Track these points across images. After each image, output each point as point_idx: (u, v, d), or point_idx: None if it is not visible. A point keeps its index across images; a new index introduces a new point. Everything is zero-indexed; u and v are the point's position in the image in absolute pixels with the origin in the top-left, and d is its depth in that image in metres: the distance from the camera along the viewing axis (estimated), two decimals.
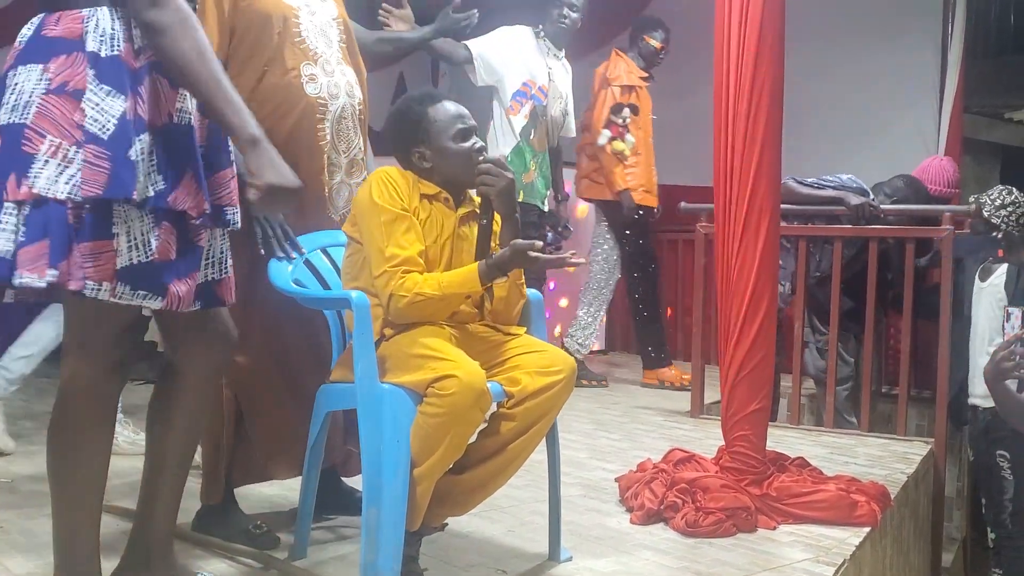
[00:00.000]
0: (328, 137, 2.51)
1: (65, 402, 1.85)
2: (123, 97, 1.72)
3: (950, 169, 4.85)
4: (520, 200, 4.40)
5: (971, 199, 4.15)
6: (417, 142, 2.35)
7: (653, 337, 5.32)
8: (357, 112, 2.60)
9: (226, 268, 1.95)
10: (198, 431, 2.09)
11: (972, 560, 4.98)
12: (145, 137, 1.74)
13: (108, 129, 1.70)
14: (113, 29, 1.75)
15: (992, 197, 4.04)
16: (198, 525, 2.56)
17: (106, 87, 1.72)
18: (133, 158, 1.71)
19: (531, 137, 4.61)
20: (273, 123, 2.42)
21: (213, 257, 1.92)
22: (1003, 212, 3.96)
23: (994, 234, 3.89)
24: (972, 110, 7.96)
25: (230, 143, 1.92)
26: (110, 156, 1.69)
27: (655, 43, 5.20)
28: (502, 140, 4.57)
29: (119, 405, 2.11)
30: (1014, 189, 4.05)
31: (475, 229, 2.36)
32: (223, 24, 2.41)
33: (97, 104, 1.70)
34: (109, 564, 2.21)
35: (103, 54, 1.73)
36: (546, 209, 4.81)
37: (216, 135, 1.90)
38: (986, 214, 3.98)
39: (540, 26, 4.77)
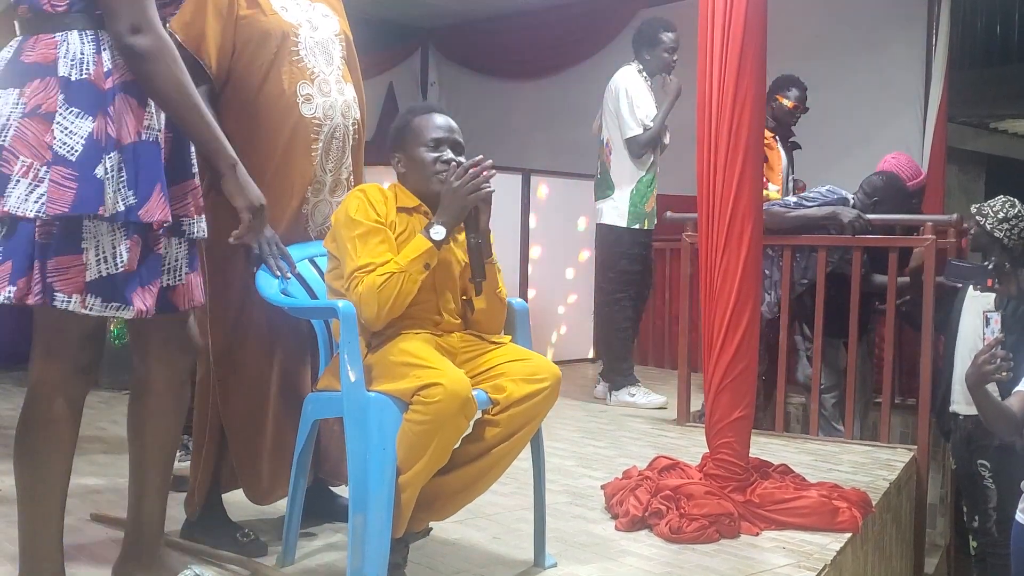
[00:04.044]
0: (318, 157, 2.53)
1: (32, 404, 1.94)
2: (91, 118, 1.82)
3: (903, 161, 4.79)
4: (646, 228, 4.86)
5: (972, 208, 4.13)
6: (397, 147, 2.44)
7: None
8: (351, 133, 2.61)
9: (180, 276, 2.02)
10: (174, 437, 2.18)
11: (956, 567, 5.01)
12: (114, 155, 1.84)
13: (76, 150, 1.80)
14: (83, 53, 1.85)
15: (995, 209, 3.99)
16: (186, 533, 2.57)
17: (75, 109, 1.82)
18: (100, 176, 1.80)
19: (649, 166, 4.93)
20: (268, 140, 2.46)
21: (169, 264, 2.00)
22: (1005, 226, 3.94)
23: (985, 263, 3.86)
24: (957, 120, 8.04)
25: (193, 156, 2.02)
26: (76, 176, 1.79)
27: (788, 102, 5.06)
28: (629, 177, 4.86)
29: None
30: (1017, 201, 4.02)
31: (454, 240, 2.38)
32: (225, 39, 2.42)
33: (66, 127, 1.80)
34: (99, 571, 2.25)
35: (73, 78, 1.83)
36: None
37: (181, 148, 1.99)
38: (988, 227, 3.97)
39: (640, 65, 4.96)
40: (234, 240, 2.09)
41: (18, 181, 1.79)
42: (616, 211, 4.87)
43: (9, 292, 1.79)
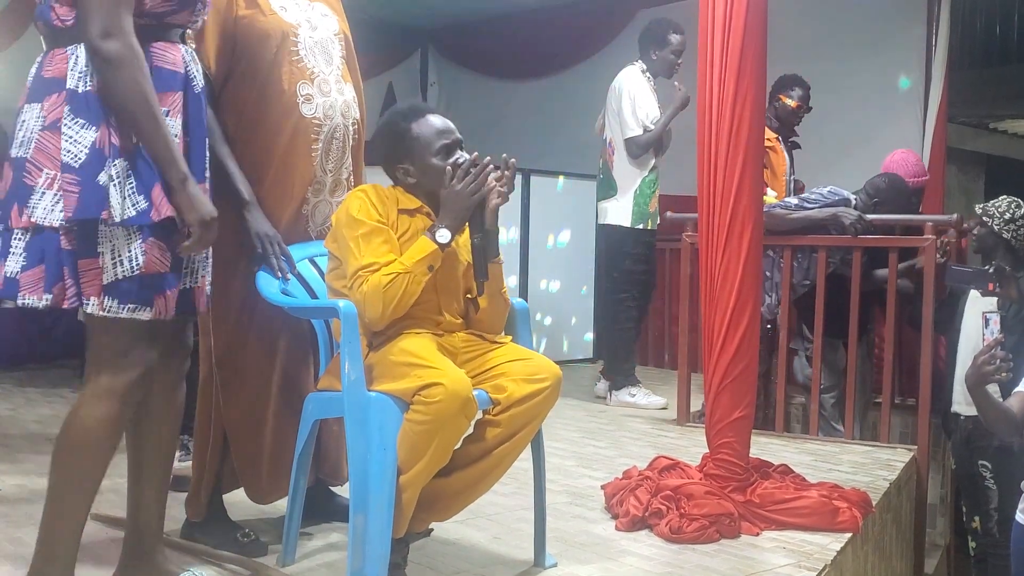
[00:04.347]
0: (318, 157, 2.53)
1: (79, 405, 1.97)
2: (94, 128, 1.86)
3: (911, 159, 4.81)
4: (650, 228, 4.84)
5: (976, 209, 4.13)
6: (401, 158, 2.39)
7: None
8: (351, 133, 2.60)
9: (197, 278, 2.07)
10: (172, 438, 2.20)
11: (956, 567, 5.01)
12: (120, 163, 1.87)
13: (80, 158, 1.85)
14: (88, 65, 1.88)
15: (1000, 210, 3.99)
16: (187, 533, 2.57)
17: (80, 120, 1.86)
18: (102, 183, 1.84)
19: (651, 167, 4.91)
20: (269, 140, 2.46)
21: (190, 266, 2.05)
22: (1011, 226, 3.94)
23: (986, 267, 3.86)
24: (957, 120, 8.02)
25: (207, 160, 2.07)
26: (79, 181, 1.84)
27: (791, 102, 5.07)
28: (632, 177, 4.84)
29: None
30: (1022, 202, 4.03)
31: (455, 241, 2.38)
32: (225, 38, 2.41)
33: (70, 136, 1.85)
34: (100, 571, 2.25)
35: (80, 90, 1.88)
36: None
37: (195, 152, 2.02)
38: (996, 228, 3.96)
39: (644, 65, 4.93)
40: (181, 253, 2.00)
41: (44, 193, 1.86)
42: (620, 211, 4.86)
43: (47, 299, 1.87)
